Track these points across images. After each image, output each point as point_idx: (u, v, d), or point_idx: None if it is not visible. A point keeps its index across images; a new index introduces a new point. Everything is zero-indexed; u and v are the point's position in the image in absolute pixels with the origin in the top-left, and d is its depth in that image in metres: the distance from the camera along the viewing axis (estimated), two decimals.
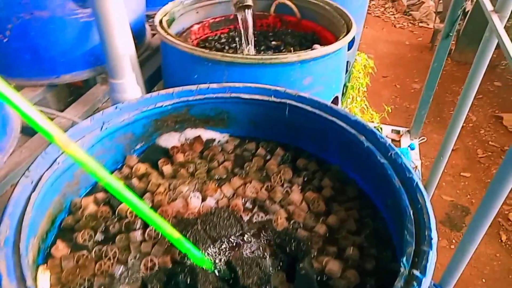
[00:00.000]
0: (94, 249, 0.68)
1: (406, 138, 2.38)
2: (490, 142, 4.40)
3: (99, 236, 0.72)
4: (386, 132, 2.41)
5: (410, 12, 7.00)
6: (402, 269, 0.52)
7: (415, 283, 0.49)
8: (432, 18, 6.75)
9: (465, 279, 3.03)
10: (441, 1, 6.36)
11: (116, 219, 0.74)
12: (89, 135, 0.77)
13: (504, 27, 1.43)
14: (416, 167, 2.05)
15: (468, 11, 4.71)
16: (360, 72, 1.90)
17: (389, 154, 0.70)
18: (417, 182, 0.63)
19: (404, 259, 0.53)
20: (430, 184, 2.16)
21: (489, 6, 1.57)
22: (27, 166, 0.96)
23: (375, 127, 2.65)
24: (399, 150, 0.70)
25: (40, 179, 0.66)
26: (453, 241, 3.36)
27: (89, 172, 0.53)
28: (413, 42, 6.38)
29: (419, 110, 2.32)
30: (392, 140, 2.44)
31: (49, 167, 0.68)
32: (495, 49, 1.63)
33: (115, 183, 0.54)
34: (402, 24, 6.86)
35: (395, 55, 6.01)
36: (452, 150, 4.76)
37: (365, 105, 1.97)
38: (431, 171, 2.22)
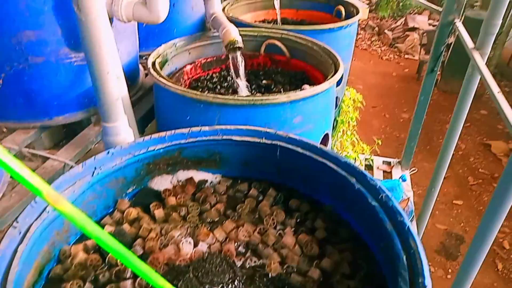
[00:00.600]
0: None
1: (398, 169, 2.40)
2: (480, 170, 4.45)
3: (88, 286, 0.70)
4: (377, 163, 2.43)
5: (396, 44, 7.24)
6: None
7: None
8: (417, 50, 6.99)
9: None
10: (425, 34, 6.62)
11: (106, 267, 0.73)
12: (80, 181, 0.76)
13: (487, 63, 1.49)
14: (408, 198, 2.06)
15: (451, 43, 4.90)
16: (349, 106, 1.94)
17: (380, 196, 0.71)
18: (408, 226, 0.63)
19: None
20: (423, 214, 2.16)
21: (470, 44, 1.64)
22: (16, 212, 0.95)
23: (366, 159, 2.67)
24: (389, 193, 0.70)
25: (28, 229, 0.65)
26: (449, 270, 3.32)
27: (78, 226, 0.52)
28: (400, 73, 6.57)
29: (409, 142, 2.36)
30: (384, 171, 2.46)
31: (38, 217, 0.68)
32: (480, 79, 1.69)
33: (105, 236, 0.53)
34: (388, 56, 7.09)
35: (383, 86, 6.16)
36: (444, 178, 4.80)
37: (356, 138, 2.00)
38: (423, 201, 2.23)
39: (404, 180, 2.20)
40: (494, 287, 3.23)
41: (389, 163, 2.46)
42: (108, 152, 0.82)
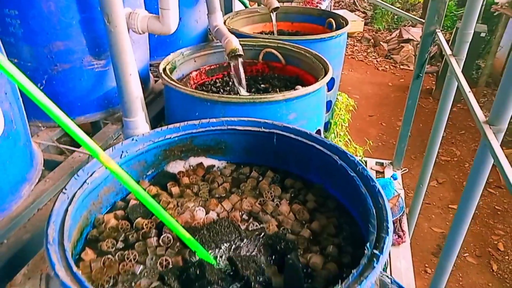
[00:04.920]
0: (117, 254, 0.82)
1: (389, 169, 2.56)
2: None
3: (120, 244, 0.85)
4: (371, 164, 2.59)
5: (391, 55, 7.46)
6: (366, 251, 0.67)
7: (374, 259, 0.64)
8: (412, 61, 7.19)
9: None
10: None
11: (134, 231, 0.88)
12: None
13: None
14: (398, 195, 2.21)
15: (444, 54, 5.11)
16: (341, 110, 2.11)
17: (357, 168, 0.87)
18: (378, 188, 0.79)
19: (368, 244, 0.69)
20: (413, 210, 2.31)
21: (448, 51, 1.82)
22: (51, 194, 1.11)
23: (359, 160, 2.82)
24: (365, 166, 0.87)
25: (74, 195, 0.81)
26: None
27: (122, 181, 0.69)
28: (395, 83, 6.76)
29: (399, 144, 2.53)
30: (376, 171, 2.62)
31: (80, 187, 0.84)
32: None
33: (141, 191, 0.69)
34: (384, 67, 7.30)
35: (379, 96, 6.35)
36: (439, 183, 4.93)
37: (348, 139, 2.16)
38: (413, 195, 2.38)
39: (395, 179, 2.36)
40: (489, 287, 3.34)
41: (381, 164, 2.62)
42: (133, 139, 0.99)
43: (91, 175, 0.87)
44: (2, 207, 1.00)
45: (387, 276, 1.83)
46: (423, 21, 2.17)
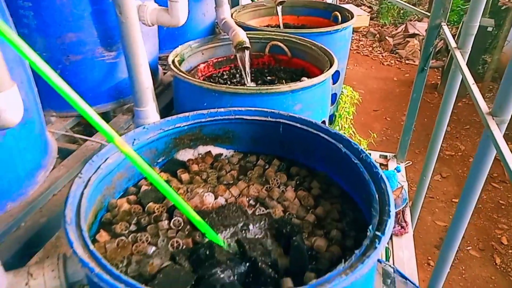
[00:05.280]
0: (130, 236, 0.86)
1: (393, 162, 2.59)
2: None
3: (132, 227, 0.89)
4: (375, 157, 2.61)
5: (397, 50, 7.43)
6: (368, 233, 0.70)
7: (376, 240, 0.68)
8: (417, 56, 7.16)
9: None
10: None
11: (145, 214, 0.92)
12: None
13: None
14: (402, 187, 2.23)
15: (449, 48, 5.09)
16: (346, 103, 2.13)
17: (361, 156, 0.90)
18: (381, 175, 0.82)
19: (371, 227, 0.72)
20: (416, 203, 2.34)
21: (453, 44, 1.83)
22: (65, 180, 1.15)
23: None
24: (368, 153, 0.90)
25: (89, 180, 0.85)
26: None
27: (135, 164, 0.72)
28: (400, 78, 6.74)
29: (403, 137, 2.55)
30: (380, 164, 2.64)
31: (94, 172, 0.88)
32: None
33: (154, 174, 0.73)
34: (389, 61, 7.27)
35: (385, 90, 6.34)
36: (443, 177, 4.93)
37: (353, 131, 2.18)
38: (417, 187, 2.40)
39: (398, 171, 2.38)
40: (493, 280, 3.37)
41: (385, 157, 2.65)
42: (144, 127, 1.02)
43: (105, 161, 0.91)
44: (19, 192, 1.05)
45: (390, 266, 1.87)
46: (429, 14, 2.18)
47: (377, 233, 0.69)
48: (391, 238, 2.20)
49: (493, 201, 4.03)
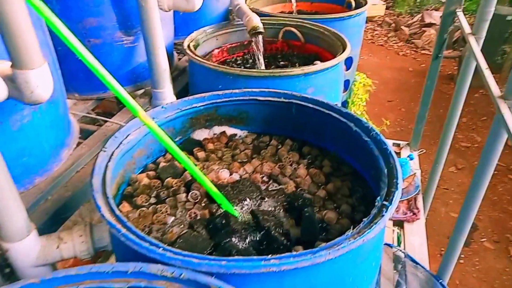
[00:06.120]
0: (151, 207, 0.91)
1: (406, 150, 2.59)
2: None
3: (152, 200, 0.95)
4: None
5: (413, 40, 7.31)
6: (377, 203, 0.74)
7: (384, 209, 0.71)
8: (433, 46, 7.02)
9: None
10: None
11: (164, 189, 0.97)
12: (143, 126, 1.01)
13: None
14: (414, 174, 2.25)
15: (464, 35, 4.99)
16: (359, 89, 2.14)
17: (371, 134, 0.93)
18: (390, 151, 0.85)
19: (379, 198, 0.75)
20: (428, 191, 2.35)
21: (467, 29, 1.82)
22: (88, 158, 1.21)
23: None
24: (378, 131, 0.92)
25: (112, 154, 0.90)
26: (462, 256, 3.45)
27: (157, 136, 0.77)
28: (416, 68, 6.64)
29: (417, 125, 2.55)
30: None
31: (117, 147, 0.93)
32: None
33: (174, 146, 0.78)
34: (405, 51, 7.16)
35: (399, 81, 6.26)
36: (458, 169, 4.89)
37: (365, 118, 2.19)
38: (429, 175, 2.40)
39: (411, 159, 2.39)
40: (506, 272, 3.35)
41: (398, 145, 2.65)
42: (162, 107, 1.07)
43: (126, 137, 0.96)
44: (45, 168, 1.11)
45: (401, 251, 1.90)
46: (445, 1, 2.16)
47: (385, 202, 0.73)
48: (402, 224, 2.22)
49: (509, 193, 3.98)
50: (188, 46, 1.53)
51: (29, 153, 1.05)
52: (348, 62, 2.06)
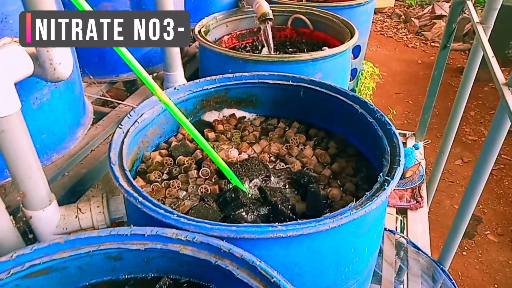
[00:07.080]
0: (163, 182, 0.96)
1: (412, 140, 2.61)
2: (502, 155, 4.50)
3: (165, 176, 0.99)
4: None
5: (422, 32, 7.23)
6: (379, 178, 0.78)
7: (385, 184, 0.75)
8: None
9: (478, 285, 3.15)
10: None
11: (176, 166, 1.02)
12: (156, 106, 1.05)
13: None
14: (419, 163, 2.27)
15: (472, 23, 4.93)
16: (366, 78, 2.16)
17: (376, 115, 0.96)
18: (394, 131, 0.89)
19: (381, 173, 0.79)
20: (432, 180, 2.37)
21: (476, 19, 1.83)
22: (102, 138, 1.26)
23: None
24: (383, 113, 0.96)
25: (128, 131, 0.95)
26: (465, 248, 3.47)
27: (172, 113, 0.81)
28: (425, 60, 6.58)
29: (423, 115, 2.56)
30: None
31: (132, 125, 0.97)
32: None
33: (188, 122, 0.82)
34: (414, 44, 7.09)
35: (408, 73, 6.22)
36: (465, 162, 4.88)
37: None
38: (434, 165, 2.43)
39: (417, 148, 2.41)
40: (509, 264, 3.37)
41: (404, 135, 2.67)
42: (175, 88, 1.11)
43: (141, 115, 1.00)
44: (62, 146, 1.16)
45: (403, 237, 1.94)
46: None
47: (387, 177, 0.76)
48: (406, 212, 2.25)
49: None
50: (199, 31, 1.56)
51: (48, 130, 1.10)
52: (356, 50, 2.08)
